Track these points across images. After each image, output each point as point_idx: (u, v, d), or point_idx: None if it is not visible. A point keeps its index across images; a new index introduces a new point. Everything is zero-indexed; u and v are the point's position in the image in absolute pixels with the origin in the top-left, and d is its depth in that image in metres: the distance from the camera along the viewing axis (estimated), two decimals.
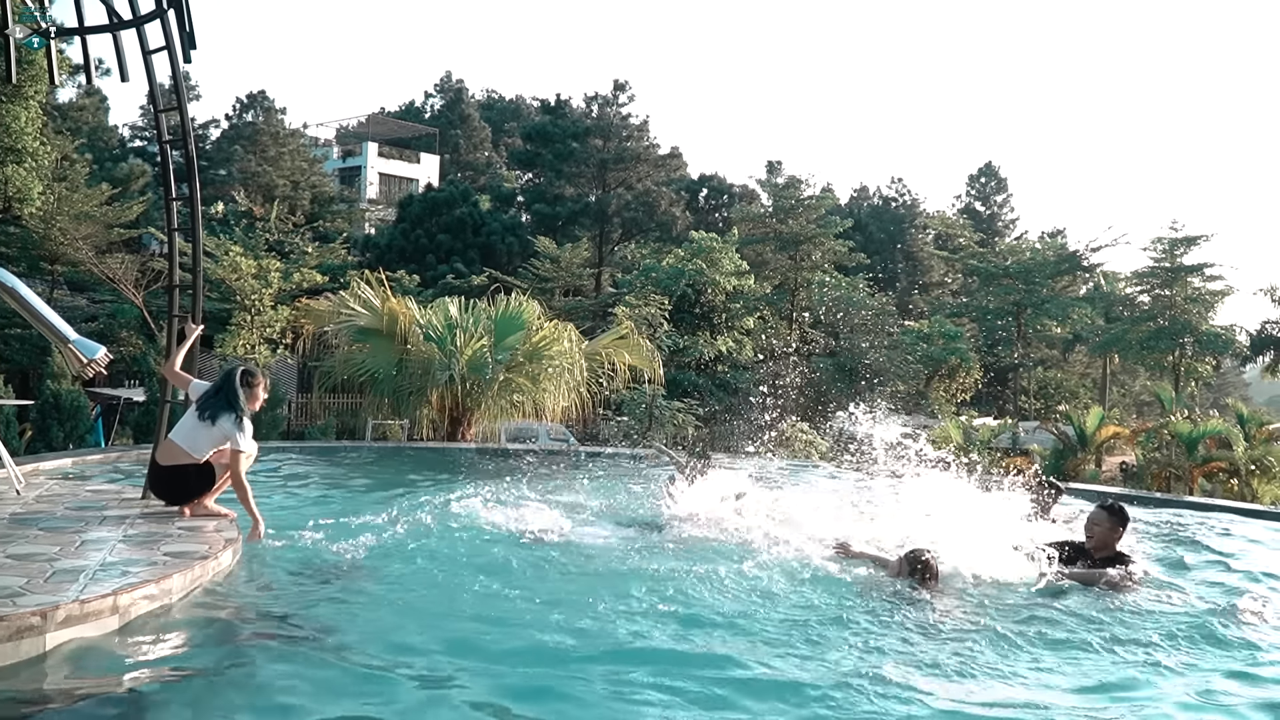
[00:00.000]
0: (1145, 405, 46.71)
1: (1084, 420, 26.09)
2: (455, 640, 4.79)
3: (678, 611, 5.37)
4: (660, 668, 4.46)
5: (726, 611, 5.43)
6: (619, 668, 4.44)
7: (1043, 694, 4.41)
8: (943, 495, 7.47)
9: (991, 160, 71.21)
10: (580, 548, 6.88)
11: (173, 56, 7.82)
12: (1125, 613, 5.78)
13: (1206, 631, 5.37)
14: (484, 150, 71.09)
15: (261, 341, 22.90)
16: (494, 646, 4.69)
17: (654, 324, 27.63)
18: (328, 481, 10.49)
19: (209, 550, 5.88)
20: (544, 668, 4.45)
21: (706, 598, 5.70)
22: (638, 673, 4.39)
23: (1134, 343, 38.65)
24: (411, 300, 16.48)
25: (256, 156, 47.89)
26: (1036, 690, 4.46)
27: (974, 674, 4.63)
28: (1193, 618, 5.67)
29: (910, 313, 49.26)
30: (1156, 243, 39.27)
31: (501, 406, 15.55)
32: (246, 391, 6.95)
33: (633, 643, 4.84)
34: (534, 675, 4.36)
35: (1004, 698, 4.35)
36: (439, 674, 4.35)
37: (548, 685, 4.25)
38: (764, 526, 7.45)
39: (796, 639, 5.00)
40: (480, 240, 43.94)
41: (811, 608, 5.58)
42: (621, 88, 48.39)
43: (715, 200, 54.53)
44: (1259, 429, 25.63)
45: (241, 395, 6.89)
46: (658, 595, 5.65)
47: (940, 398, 38.62)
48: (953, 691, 4.35)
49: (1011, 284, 41.81)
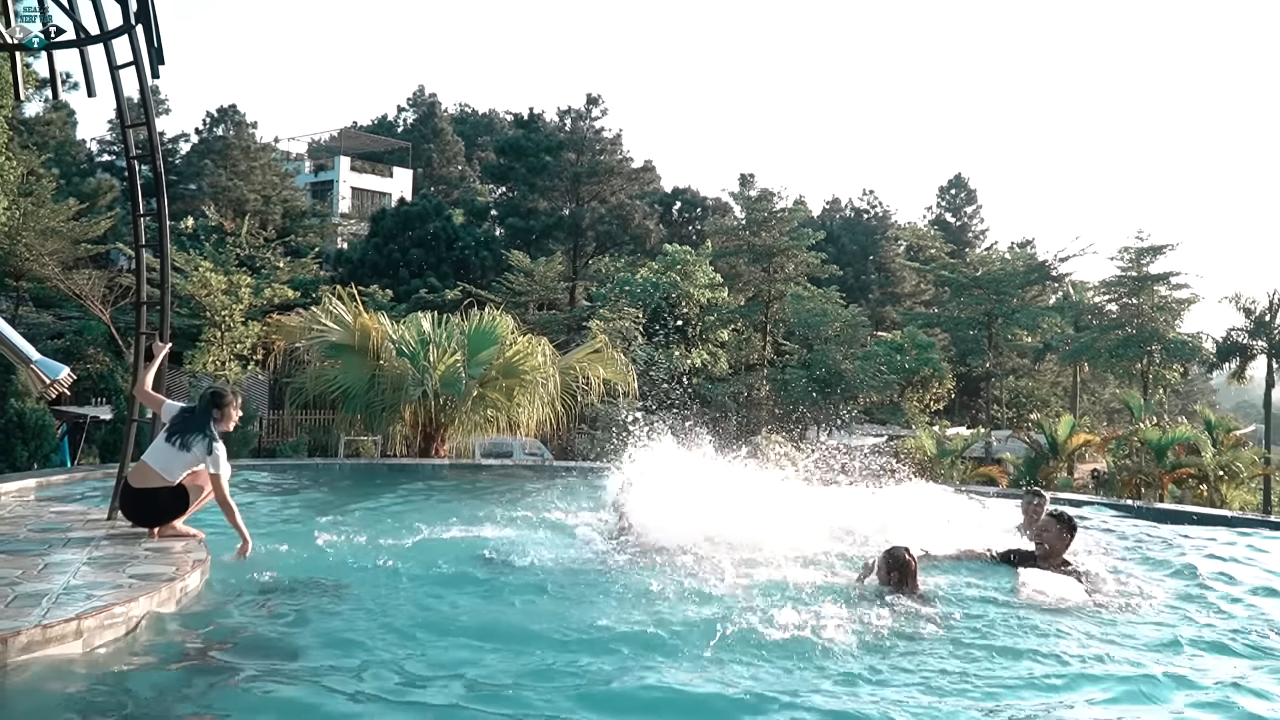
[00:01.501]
0: (1115, 413, 47.10)
1: (1055, 429, 26.29)
2: (424, 663, 4.75)
3: (648, 631, 5.34)
4: (626, 687, 4.44)
5: (685, 628, 5.40)
6: (589, 688, 4.42)
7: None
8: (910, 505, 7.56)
9: (961, 172, 71.67)
10: (546, 565, 6.84)
11: (140, 72, 7.75)
12: (1071, 622, 5.88)
13: (1144, 638, 5.53)
14: (457, 164, 70.92)
15: (232, 358, 22.67)
16: (466, 669, 4.65)
17: (628, 337, 27.63)
18: (298, 500, 10.39)
19: (176, 572, 5.80)
20: (513, 689, 4.42)
21: (669, 615, 5.67)
22: (608, 692, 4.36)
23: (1103, 351, 39.03)
24: (384, 315, 16.36)
25: (227, 171, 47.50)
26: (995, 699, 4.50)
27: (952, 690, 4.65)
28: (1133, 623, 5.85)
29: (883, 324, 49.54)
30: (1123, 252, 39.76)
31: (475, 422, 15.45)
32: (219, 413, 6.90)
33: (597, 664, 4.80)
34: (500, 696, 4.33)
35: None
36: (407, 698, 4.31)
37: (511, 704, 4.22)
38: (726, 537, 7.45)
39: (766, 655, 4.99)
40: (453, 254, 43.78)
41: (781, 625, 5.56)
42: (595, 101, 48.47)
43: (689, 213, 54.63)
44: (1226, 435, 25.95)
45: (214, 416, 6.84)
46: (626, 614, 5.63)
47: (914, 408, 38.85)
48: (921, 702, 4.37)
49: (982, 294, 42.14)
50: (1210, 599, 6.55)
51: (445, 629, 5.30)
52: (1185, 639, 5.50)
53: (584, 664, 4.75)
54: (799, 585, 6.35)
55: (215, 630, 5.22)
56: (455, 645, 5.00)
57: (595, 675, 4.58)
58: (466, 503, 9.22)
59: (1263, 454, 28.40)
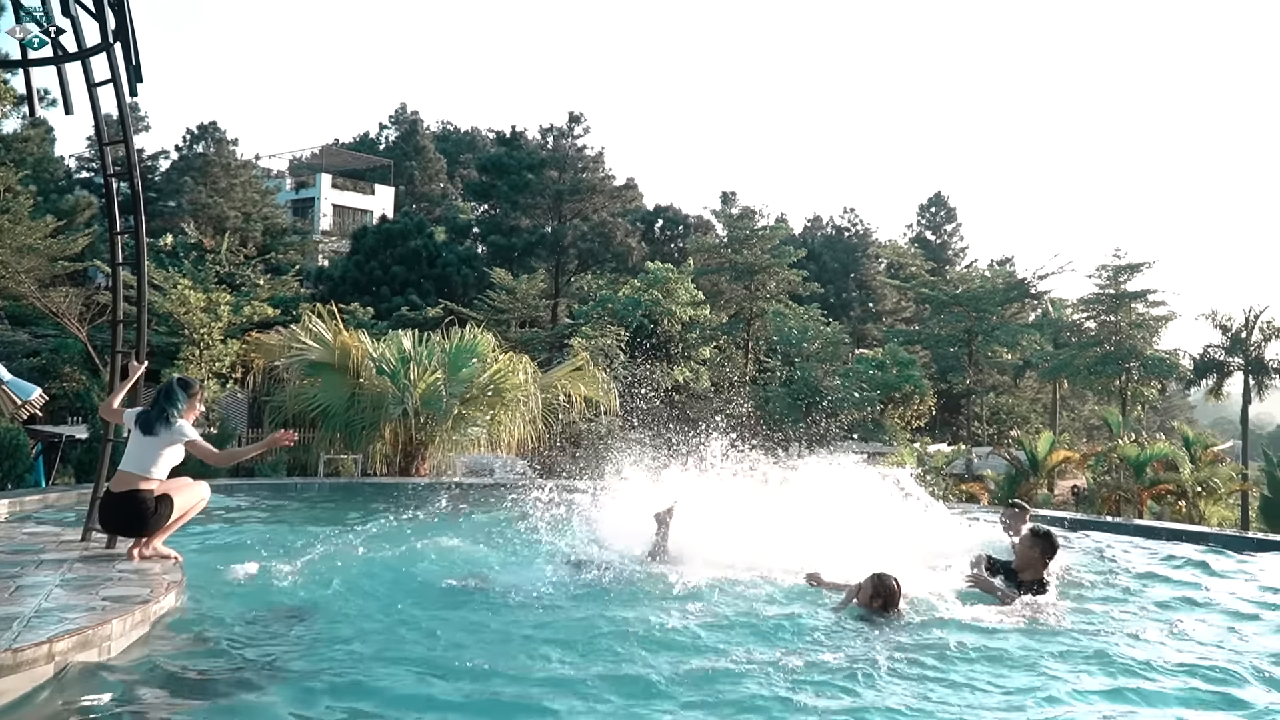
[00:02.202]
0: (1095, 429, 47.42)
1: (1035, 445, 26.40)
2: (403, 688, 4.70)
3: (618, 656, 5.30)
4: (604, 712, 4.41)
5: (655, 656, 5.35)
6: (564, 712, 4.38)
7: None
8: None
9: (941, 190, 72.32)
10: (521, 589, 6.78)
11: (118, 90, 7.71)
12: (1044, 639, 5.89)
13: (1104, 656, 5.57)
14: (439, 182, 70.89)
15: (210, 376, 22.52)
16: (440, 695, 4.61)
17: (610, 355, 27.63)
18: (276, 519, 10.30)
19: (151, 593, 5.73)
20: (483, 715, 4.37)
21: (640, 640, 5.61)
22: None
23: (1082, 368, 39.32)
24: (364, 333, 16.30)
25: (207, 188, 47.26)
26: None
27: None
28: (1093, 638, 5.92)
29: (864, 341, 49.75)
30: (1101, 270, 40.17)
31: (456, 440, 15.40)
32: (186, 397, 6.78)
33: (576, 688, 4.76)
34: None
35: None
36: None
37: None
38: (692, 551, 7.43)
39: (743, 681, 4.94)
40: (435, 272, 43.71)
41: (759, 648, 5.53)
42: (577, 119, 48.62)
43: (671, 231, 54.79)
44: (1204, 451, 26.11)
45: (179, 397, 6.72)
46: (598, 640, 5.58)
47: (895, 425, 38.96)
48: None
49: (962, 311, 42.43)
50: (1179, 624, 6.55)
51: (416, 658, 5.23)
52: (1124, 661, 5.51)
53: (554, 695, 4.70)
54: (781, 606, 6.34)
55: (190, 654, 5.15)
56: (424, 675, 4.93)
57: (566, 708, 4.54)
58: (446, 522, 9.15)
59: (1240, 470, 28.62)
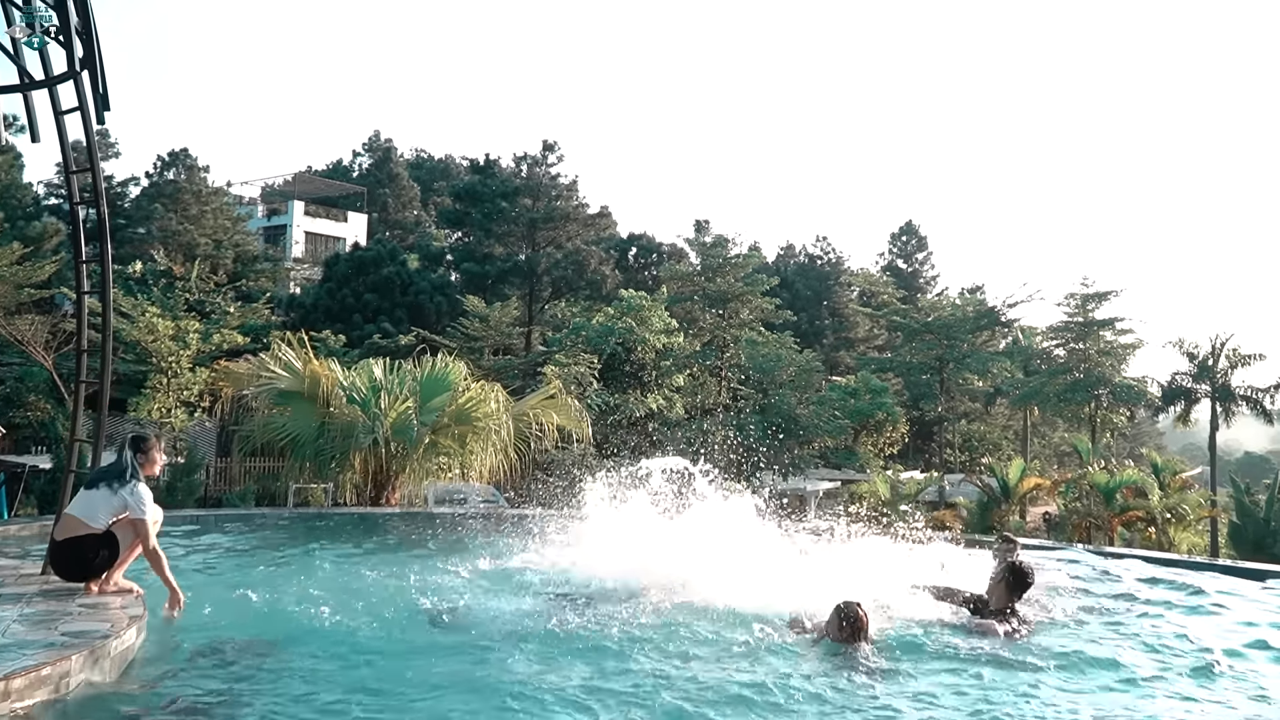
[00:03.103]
0: (1065, 456, 47.80)
1: (1006, 472, 26.57)
2: None
3: (591, 687, 5.25)
4: None
5: (628, 685, 5.31)
6: None
7: None
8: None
9: (912, 219, 73.08)
10: (490, 618, 6.71)
11: (86, 118, 7.65)
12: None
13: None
14: (413, 209, 70.85)
15: (178, 405, 22.25)
16: None
17: (583, 383, 27.58)
18: (243, 552, 10.15)
19: (111, 629, 5.61)
20: None
21: (613, 670, 5.57)
22: None
23: (1052, 395, 39.69)
24: (335, 362, 16.18)
25: (178, 215, 46.95)
26: None
27: None
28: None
29: (837, 368, 49.99)
30: (1069, 298, 40.65)
31: (427, 469, 15.26)
32: (141, 457, 6.72)
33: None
34: None
35: None
36: None
37: None
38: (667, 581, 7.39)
39: (714, 713, 4.90)
40: (408, 299, 43.57)
41: (730, 681, 5.48)
42: (550, 148, 48.80)
43: (644, 259, 54.96)
44: (1173, 477, 26.38)
45: (130, 459, 6.64)
46: (571, 669, 5.53)
47: (868, 452, 39.12)
48: None
49: (934, 339, 42.78)
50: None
51: (384, 691, 5.16)
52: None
53: None
54: (748, 638, 6.30)
55: (151, 691, 5.05)
56: (385, 712, 4.86)
57: None
58: (415, 552, 9.06)
59: (1209, 496, 28.91)
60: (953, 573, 8.16)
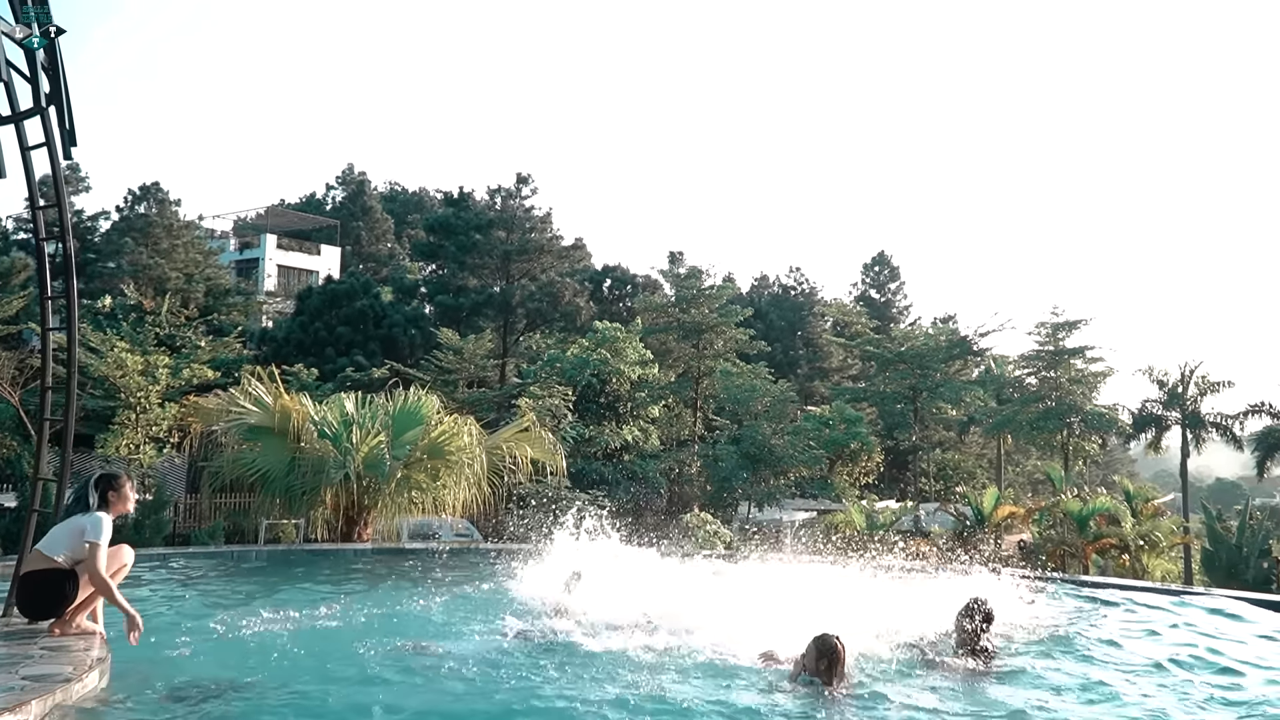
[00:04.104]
0: (1039, 483, 48.04)
1: (981, 501, 26.67)
2: None
3: None
4: None
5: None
6: None
7: None
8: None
9: (884, 250, 73.75)
10: (463, 655, 6.63)
11: (52, 153, 7.60)
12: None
13: None
14: (386, 242, 70.74)
15: (147, 440, 21.94)
16: None
17: (558, 415, 27.49)
18: (210, 590, 9.99)
19: (74, 672, 5.50)
20: None
21: (586, 705, 5.51)
22: None
23: (1024, 423, 39.91)
24: (306, 396, 16.04)
25: (148, 249, 46.59)
26: None
27: None
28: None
29: (811, 398, 50.12)
30: (1040, 327, 40.99)
31: (400, 504, 15.12)
32: (113, 494, 6.64)
33: None
34: None
35: None
36: None
37: None
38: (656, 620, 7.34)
39: None
40: (382, 332, 43.35)
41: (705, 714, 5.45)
42: (525, 180, 48.91)
43: (619, 290, 55.07)
44: (1145, 504, 26.57)
45: (93, 497, 6.55)
46: (543, 706, 5.47)
47: (843, 482, 39.15)
48: None
49: (907, 369, 42.97)
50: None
51: None
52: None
53: None
54: (725, 673, 6.26)
55: None
56: None
57: None
58: (387, 589, 8.95)
59: (1181, 523, 29.13)
60: (918, 604, 8.19)
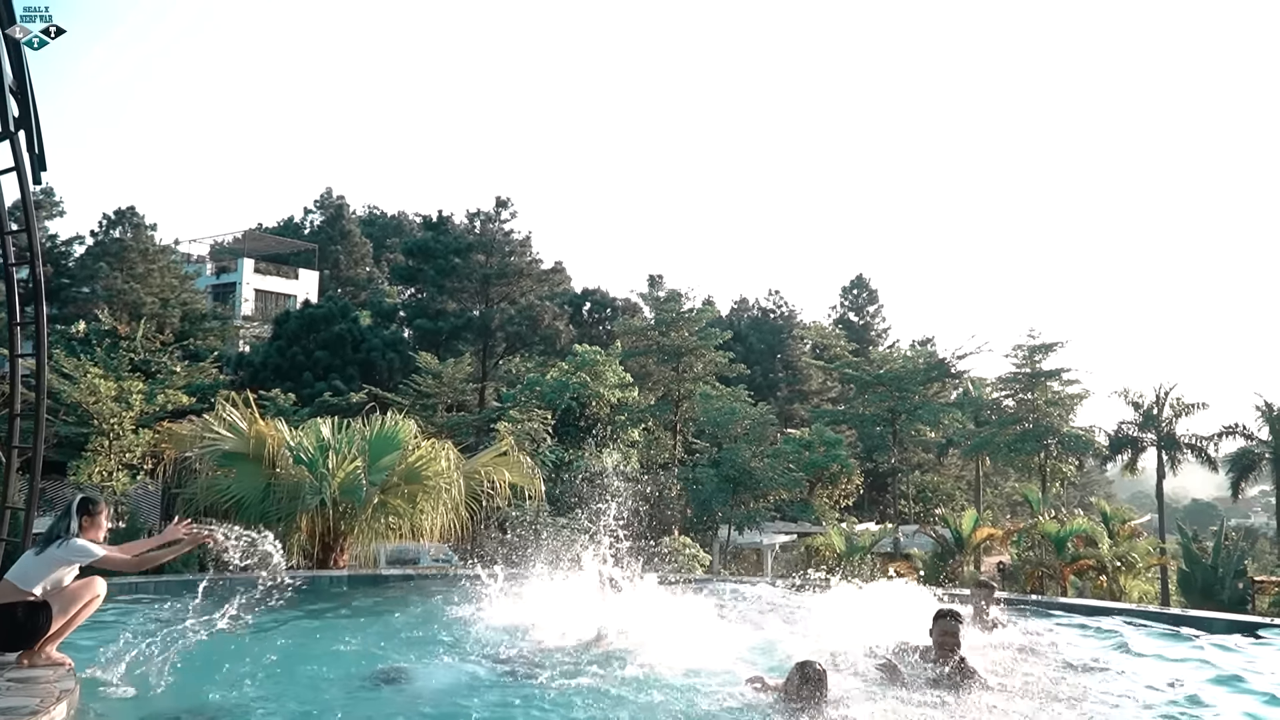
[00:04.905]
0: (1018, 505, 48.21)
1: (959, 523, 26.68)
2: None
3: None
4: None
5: None
6: None
7: None
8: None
9: (862, 272, 74.05)
10: (446, 682, 6.56)
11: (22, 178, 7.56)
12: None
13: None
14: (365, 266, 70.58)
15: (120, 468, 21.69)
16: None
17: (537, 439, 27.40)
18: (184, 620, 9.82)
19: (40, 704, 5.39)
20: None
21: None
22: None
23: (1002, 445, 40.09)
24: (282, 422, 15.91)
25: (123, 274, 46.27)
26: None
27: None
28: None
29: (791, 421, 50.21)
30: (1017, 349, 41.29)
31: (376, 529, 15.01)
32: (87, 520, 6.58)
33: None
34: None
35: None
36: None
37: None
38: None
39: None
40: (360, 357, 43.16)
41: None
42: (504, 204, 49.00)
43: (598, 314, 55.12)
44: (1122, 526, 26.68)
45: (74, 521, 6.49)
46: None
47: (823, 504, 39.16)
48: None
49: (885, 391, 43.13)
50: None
51: None
52: None
53: None
54: (704, 697, 6.22)
55: None
56: None
57: None
58: (362, 617, 8.85)
59: (1157, 544, 29.27)
60: (901, 625, 8.18)
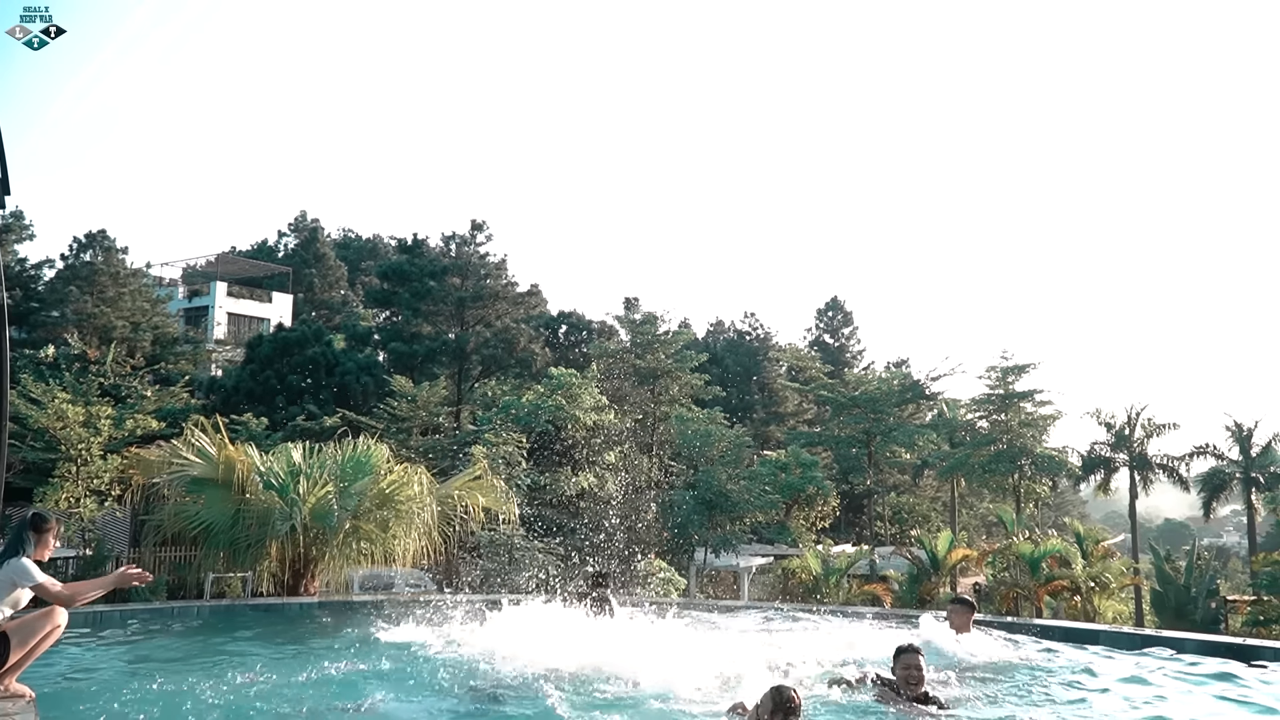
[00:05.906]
0: (993, 526, 48.43)
1: (935, 544, 26.74)
2: None
3: None
4: None
5: None
6: None
7: None
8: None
9: (837, 295, 74.44)
10: (418, 713, 6.45)
11: None
12: None
13: None
14: (339, 289, 70.18)
15: (88, 494, 21.35)
16: None
17: (512, 462, 27.22)
18: (148, 650, 9.66)
19: None
20: None
21: None
22: None
23: (977, 466, 40.28)
24: (252, 446, 15.73)
25: (94, 297, 45.77)
26: None
27: None
28: None
29: (767, 443, 50.25)
30: (990, 371, 41.57)
31: (348, 555, 14.83)
32: (35, 536, 6.39)
33: None
34: None
35: None
36: None
37: None
38: None
39: None
40: (334, 380, 42.82)
41: None
42: (479, 227, 48.90)
43: (574, 336, 55.03)
44: (1095, 546, 26.84)
45: (30, 540, 6.32)
46: None
47: (800, 526, 39.16)
48: None
49: (861, 413, 43.27)
50: None
51: None
52: None
53: None
54: None
55: None
56: None
57: None
58: (331, 644, 8.70)
59: (1131, 564, 29.45)
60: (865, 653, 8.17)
